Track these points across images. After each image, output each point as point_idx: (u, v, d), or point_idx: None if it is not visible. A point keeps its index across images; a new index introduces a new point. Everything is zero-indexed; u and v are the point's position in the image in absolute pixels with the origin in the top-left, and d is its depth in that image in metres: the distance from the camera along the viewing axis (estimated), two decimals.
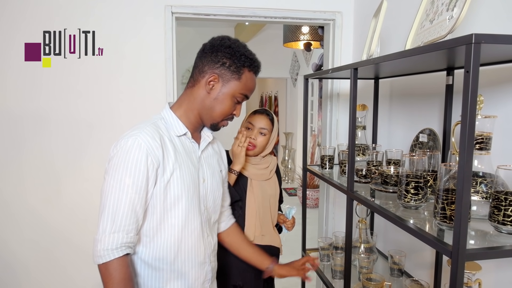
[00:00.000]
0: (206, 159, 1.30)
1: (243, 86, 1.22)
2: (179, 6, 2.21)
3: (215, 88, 1.19)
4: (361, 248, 1.76)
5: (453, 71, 1.35)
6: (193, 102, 1.21)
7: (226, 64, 1.18)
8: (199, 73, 1.19)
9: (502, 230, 0.91)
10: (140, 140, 1.08)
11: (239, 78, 1.20)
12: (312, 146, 6.27)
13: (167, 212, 1.15)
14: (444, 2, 1.10)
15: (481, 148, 1.06)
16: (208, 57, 1.19)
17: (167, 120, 1.21)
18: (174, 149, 1.16)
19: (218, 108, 1.20)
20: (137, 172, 1.07)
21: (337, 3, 2.36)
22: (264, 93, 10.01)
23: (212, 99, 1.19)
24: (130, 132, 1.12)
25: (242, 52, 1.20)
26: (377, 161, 1.54)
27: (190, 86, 1.22)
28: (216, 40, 1.21)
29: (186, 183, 1.17)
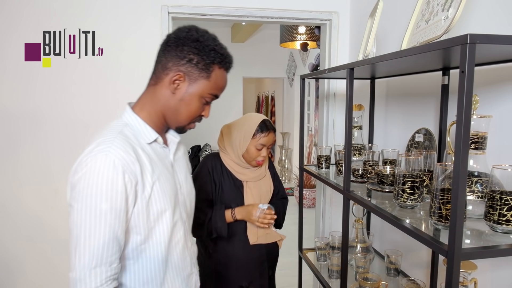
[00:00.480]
0: (177, 163, 1.18)
1: (213, 85, 1.07)
2: (175, 6, 2.21)
3: (180, 88, 1.05)
4: (357, 248, 1.77)
5: (449, 71, 1.36)
6: (157, 103, 1.07)
7: (194, 61, 1.03)
8: (162, 69, 1.05)
9: (497, 229, 0.91)
10: (113, 156, 0.93)
11: (208, 76, 1.05)
12: (309, 146, 6.27)
13: (151, 230, 1.03)
14: (439, 2, 1.11)
15: (477, 147, 1.06)
16: (172, 52, 1.03)
17: (134, 126, 1.06)
18: (149, 159, 1.03)
19: (184, 110, 1.07)
20: (115, 194, 0.92)
21: (334, 3, 2.37)
22: (261, 93, 10.01)
23: (178, 100, 1.05)
24: (95, 148, 0.95)
25: (211, 47, 1.04)
26: (373, 161, 1.54)
27: (153, 84, 1.08)
28: (181, 31, 1.05)
29: (167, 195, 1.05)
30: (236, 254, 1.70)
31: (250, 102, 10.98)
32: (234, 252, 1.70)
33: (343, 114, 1.85)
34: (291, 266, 2.56)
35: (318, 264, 1.93)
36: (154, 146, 1.08)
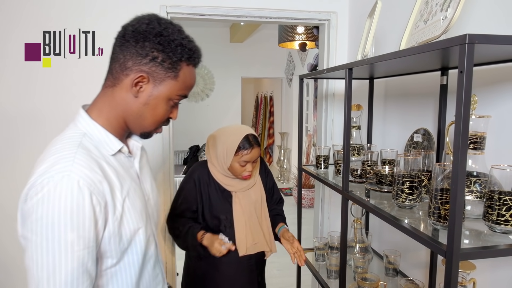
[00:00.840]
0: (142, 171, 1.05)
1: (181, 85, 0.95)
2: (174, 6, 2.20)
3: (144, 91, 0.91)
4: (356, 248, 1.77)
5: (447, 71, 1.36)
6: (116, 107, 0.93)
7: (158, 59, 0.89)
8: (121, 69, 0.91)
9: (496, 229, 0.91)
10: (76, 176, 0.79)
11: (175, 76, 0.92)
12: (307, 146, 6.28)
13: (124, 251, 0.91)
14: (438, 2, 1.11)
15: (475, 148, 1.06)
16: (131, 48, 0.89)
17: (94, 136, 0.91)
18: (116, 173, 0.90)
19: (149, 115, 0.94)
20: (82, 221, 0.78)
21: (332, 4, 2.37)
22: (260, 93, 10.01)
23: (141, 105, 0.92)
24: (52, 167, 0.79)
25: (178, 41, 0.91)
26: (372, 161, 1.54)
27: (110, 86, 0.93)
28: (140, 23, 0.91)
29: (138, 211, 0.94)
30: (225, 265, 1.69)
31: (249, 102, 10.98)
32: (223, 263, 1.68)
33: (342, 114, 1.85)
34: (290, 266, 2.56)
35: (316, 264, 1.93)
36: (118, 157, 0.95)
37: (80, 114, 0.94)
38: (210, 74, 7.29)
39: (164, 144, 2.23)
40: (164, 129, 2.41)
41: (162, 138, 2.22)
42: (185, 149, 7.21)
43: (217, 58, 7.21)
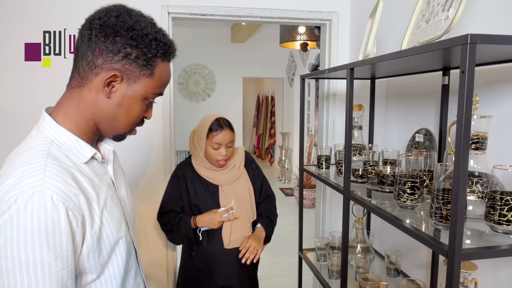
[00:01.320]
0: (116, 176, 0.98)
1: (157, 83, 0.88)
2: (175, 6, 2.20)
3: (117, 91, 0.84)
4: (357, 248, 1.77)
5: (449, 71, 1.36)
6: (86, 110, 0.84)
7: (132, 56, 0.82)
8: (90, 68, 0.82)
9: (497, 229, 0.91)
10: (49, 192, 0.71)
11: (151, 73, 0.85)
12: (309, 146, 6.28)
13: (104, 266, 0.85)
14: (439, 2, 1.11)
15: (477, 148, 1.06)
16: (101, 45, 0.81)
17: (62, 143, 0.82)
18: (90, 183, 0.82)
19: (123, 116, 0.87)
20: (58, 239, 0.71)
21: (334, 4, 2.37)
22: (261, 93, 10.02)
23: (115, 106, 0.85)
24: (20, 182, 0.71)
25: (152, 36, 0.83)
26: (373, 161, 1.54)
27: (77, 86, 0.85)
28: (109, 15, 0.82)
29: (117, 220, 0.87)
30: (214, 256, 1.72)
31: (250, 102, 10.99)
32: (213, 254, 1.72)
33: (343, 114, 1.86)
34: (291, 266, 2.56)
35: (318, 264, 1.93)
36: (91, 164, 0.87)
37: (44, 119, 0.84)
38: (211, 74, 7.30)
39: (165, 144, 2.24)
40: (165, 129, 2.42)
41: (163, 138, 2.23)
42: (186, 149, 7.21)
43: (218, 58, 7.22)
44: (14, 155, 0.80)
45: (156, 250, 2.29)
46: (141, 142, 2.22)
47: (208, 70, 7.27)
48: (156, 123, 2.23)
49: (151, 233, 2.27)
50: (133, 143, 2.22)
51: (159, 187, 2.25)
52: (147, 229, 2.26)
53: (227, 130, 1.71)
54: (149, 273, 2.31)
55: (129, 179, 2.23)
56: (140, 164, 2.23)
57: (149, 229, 2.26)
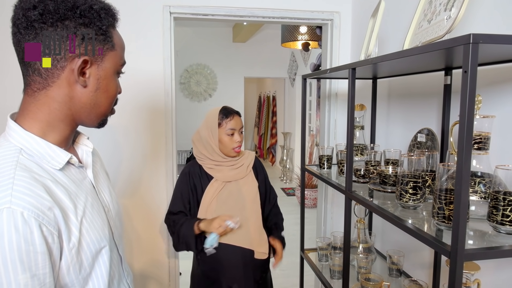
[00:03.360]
0: (97, 179, 0.92)
1: (120, 52, 0.84)
2: (177, 6, 2.20)
3: (91, 76, 0.79)
4: (359, 248, 1.76)
5: (451, 71, 1.35)
6: (59, 108, 0.78)
7: (90, 36, 0.76)
8: (52, 64, 0.77)
9: (500, 230, 0.91)
10: (19, 208, 0.65)
11: (113, 46, 0.81)
12: (310, 146, 6.27)
13: (87, 278, 0.79)
14: (442, 2, 1.10)
15: (480, 148, 1.06)
16: (52, 36, 0.74)
17: (33, 150, 0.75)
18: (66, 192, 0.76)
19: (103, 99, 0.83)
20: (33, 258, 0.66)
21: (335, 3, 2.36)
22: (262, 93, 10.01)
23: (93, 92, 0.80)
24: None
25: (97, 7, 0.78)
26: (375, 161, 1.54)
27: (40, 88, 0.77)
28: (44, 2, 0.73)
29: (100, 228, 0.82)
30: (219, 255, 1.68)
31: (252, 102, 10.99)
32: (218, 254, 1.67)
33: (345, 114, 1.85)
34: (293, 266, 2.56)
35: (320, 265, 1.93)
36: (67, 171, 0.81)
37: (10, 126, 0.77)
38: (212, 74, 7.30)
39: (167, 144, 2.24)
40: (167, 129, 2.42)
41: (165, 138, 2.23)
42: (188, 148, 7.22)
43: (220, 58, 7.22)
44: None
45: (157, 250, 2.29)
46: (143, 142, 2.22)
47: (209, 70, 7.27)
48: (158, 123, 2.23)
49: (153, 233, 2.27)
50: (135, 143, 2.22)
51: (160, 187, 2.25)
52: (148, 230, 2.26)
53: (236, 115, 1.75)
54: (150, 273, 2.31)
55: (130, 181, 2.24)
56: (141, 164, 2.23)
57: (151, 229, 2.27)
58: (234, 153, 1.73)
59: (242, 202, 1.74)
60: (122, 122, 2.19)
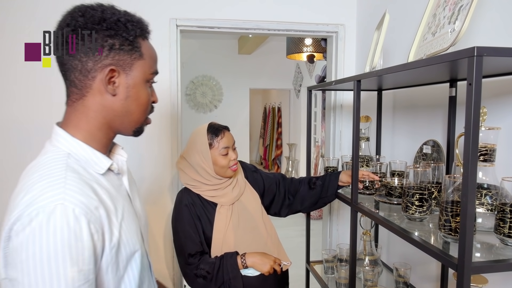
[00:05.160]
0: (131, 186, 0.96)
1: (150, 61, 0.88)
2: (184, 19, 2.24)
3: (120, 85, 0.83)
4: (365, 261, 1.75)
5: (456, 83, 1.36)
6: (96, 117, 0.84)
7: (116, 46, 0.81)
8: (84, 76, 0.82)
9: (508, 242, 0.90)
10: (71, 205, 0.70)
11: (140, 55, 0.85)
12: (316, 157, 6.26)
13: (120, 280, 0.82)
14: (446, 15, 1.12)
15: (485, 160, 1.06)
16: (82, 48, 0.80)
17: (79, 155, 0.81)
18: (109, 195, 0.82)
19: (135, 106, 0.87)
20: (81, 253, 0.70)
21: (340, 16, 2.39)
22: (268, 104, 10.05)
23: (123, 100, 0.84)
24: (40, 196, 0.70)
25: (123, 19, 0.83)
26: (381, 173, 1.54)
27: (77, 99, 0.85)
28: (75, 19, 0.82)
29: (134, 233, 0.86)
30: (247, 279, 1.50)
31: (257, 113, 11.03)
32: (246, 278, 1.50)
33: (350, 126, 1.86)
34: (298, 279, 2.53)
35: (325, 277, 1.91)
36: (108, 176, 0.86)
37: (57, 133, 0.84)
38: (218, 86, 7.35)
39: (173, 155, 2.25)
40: (172, 140, 2.43)
41: (171, 149, 2.24)
42: None
43: (226, 69, 7.28)
44: (30, 170, 0.78)
45: (160, 262, 2.28)
46: (149, 153, 2.24)
47: (215, 82, 7.32)
48: (164, 134, 2.24)
49: (156, 246, 2.27)
50: (141, 154, 2.23)
51: (166, 200, 2.25)
52: (154, 243, 2.26)
53: (226, 131, 1.56)
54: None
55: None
56: (147, 176, 2.24)
57: (155, 243, 2.27)
58: (232, 172, 1.55)
59: (253, 221, 1.60)
60: None
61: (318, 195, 1.70)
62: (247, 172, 1.71)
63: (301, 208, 1.75)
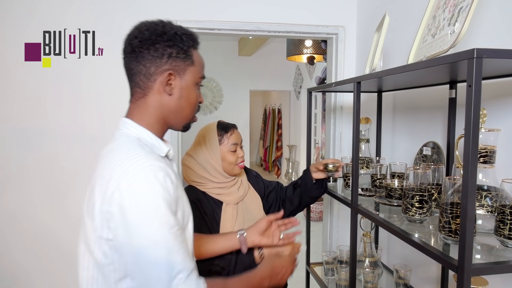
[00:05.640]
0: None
1: (199, 68, 1.06)
2: (184, 21, 2.24)
3: (175, 86, 1.01)
4: (366, 262, 1.75)
5: (456, 85, 1.36)
6: (155, 112, 1.02)
7: (173, 54, 0.99)
8: (147, 78, 0.99)
9: (508, 244, 0.90)
10: (157, 168, 0.90)
11: (192, 62, 1.03)
12: (316, 159, 6.26)
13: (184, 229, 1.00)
14: (445, 17, 1.12)
15: (485, 161, 1.06)
16: (147, 56, 0.97)
17: (146, 141, 1.00)
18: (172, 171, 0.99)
19: (186, 105, 1.04)
20: (172, 202, 0.91)
21: (340, 18, 2.39)
22: (268, 106, 10.05)
23: (177, 99, 1.02)
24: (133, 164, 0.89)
25: (179, 33, 1.01)
26: (381, 174, 1.54)
27: (140, 97, 1.01)
28: (141, 32, 0.98)
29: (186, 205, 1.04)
30: None
31: (257, 114, 11.03)
32: None
33: (350, 127, 1.86)
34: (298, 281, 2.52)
35: (326, 279, 1.91)
36: (165, 160, 1.02)
37: (126, 122, 1.01)
38: (218, 87, 7.36)
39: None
40: (172, 141, 2.42)
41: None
42: None
43: (226, 71, 7.28)
44: (110, 152, 0.95)
45: None
46: None
47: (215, 83, 7.33)
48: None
49: None
50: None
51: None
52: None
53: (235, 129, 1.60)
54: None
55: None
56: None
57: None
58: (239, 170, 1.57)
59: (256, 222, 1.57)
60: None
61: (301, 191, 1.72)
62: (250, 177, 1.72)
63: (292, 208, 1.74)
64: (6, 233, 2.25)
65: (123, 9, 2.20)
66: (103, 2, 2.20)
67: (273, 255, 1.39)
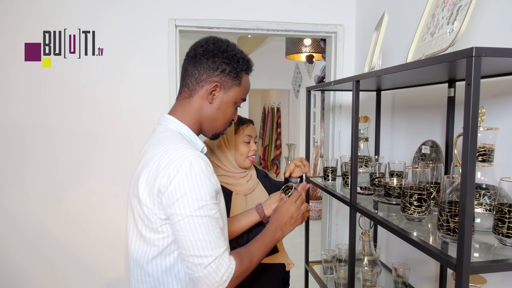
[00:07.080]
0: None
1: (243, 91, 1.17)
2: (183, 19, 2.24)
3: (217, 97, 1.12)
4: (364, 261, 1.75)
5: (455, 83, 1.36)
6: (194, 114, 1.12)
7: (226, 71, 1.10)
8: (197, 82, 1.10)
9: (506, 242, 0.90)
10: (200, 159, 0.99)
11: (239, 83, 1.14)
12: (315, 157, 6.26)
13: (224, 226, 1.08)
14: (444, 15, 1.12)
15: (484, 160, 1.06)
16: (204, 64, 1.09)
17: (186, 136, 1.10)
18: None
19: (221, 117, 1.14)
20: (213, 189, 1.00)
21: (339, 16, 2.39)
22: (267, 105, 10.05)
23: (215, 109, 1.12)
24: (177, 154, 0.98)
25: (239, 55, 1.13)
26: (380, 173, 1.54)
27: (186, 97, 1.13)
28: (208, 44, 1.12)
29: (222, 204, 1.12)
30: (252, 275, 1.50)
31: (256, 113, 11.02)
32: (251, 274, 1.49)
33: (349, 126, 1.86)
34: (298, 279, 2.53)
35: (324, 277, 1.91)
36: None
37: (168, 118, 1.12)
38: None
39: None
40: None
41: None
42: None
43: None
44: (154, 144, 1.06)
45: None
46: None
47: None
48: None
49: None
50: None
51: None
52: None
53: (251, 124, 1.65)
54: None
55: None
56: None
57: None
58: (249, 163, 1.60)
59: None
60: (127, 135, 2.20)
61: None
62: (259, 175, 1.75)
63: None
64: (4, 233, 2.25)
65: (123, 9, 2.20)
66: (103, 2, 2.20)
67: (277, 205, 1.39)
